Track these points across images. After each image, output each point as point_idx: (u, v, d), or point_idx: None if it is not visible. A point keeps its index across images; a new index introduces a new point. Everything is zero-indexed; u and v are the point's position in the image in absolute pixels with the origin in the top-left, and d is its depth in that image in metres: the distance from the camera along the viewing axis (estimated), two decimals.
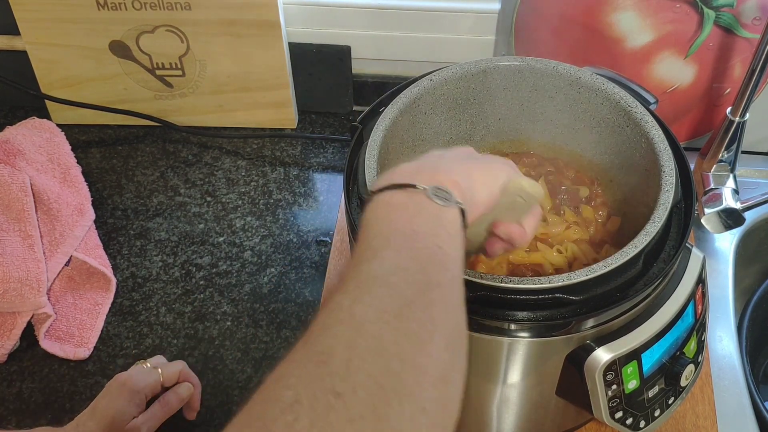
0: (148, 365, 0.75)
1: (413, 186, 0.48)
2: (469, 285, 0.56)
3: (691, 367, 0.66)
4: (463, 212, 0.49)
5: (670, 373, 0.65)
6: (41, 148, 0.96)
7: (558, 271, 0.69)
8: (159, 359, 0.78)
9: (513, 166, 0.58)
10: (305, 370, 0.37)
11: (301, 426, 0.34)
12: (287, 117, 1.06)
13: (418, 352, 0.39)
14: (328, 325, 0.39)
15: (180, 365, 0.77)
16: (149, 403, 0.73)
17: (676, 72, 0.93)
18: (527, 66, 0.73)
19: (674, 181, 0.63)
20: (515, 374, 0.64)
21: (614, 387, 0.62)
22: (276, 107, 1.05)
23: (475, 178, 0.53)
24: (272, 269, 0.91)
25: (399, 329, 0.39)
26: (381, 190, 0.49)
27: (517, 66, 0.73)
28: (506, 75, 0.74)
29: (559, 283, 0.56)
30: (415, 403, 0.37)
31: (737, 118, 0.87)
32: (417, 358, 0.38)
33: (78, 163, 0.99)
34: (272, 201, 0.98)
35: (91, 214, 0.94)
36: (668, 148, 0.65)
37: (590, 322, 0.59)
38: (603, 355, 0.60)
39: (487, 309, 0.58)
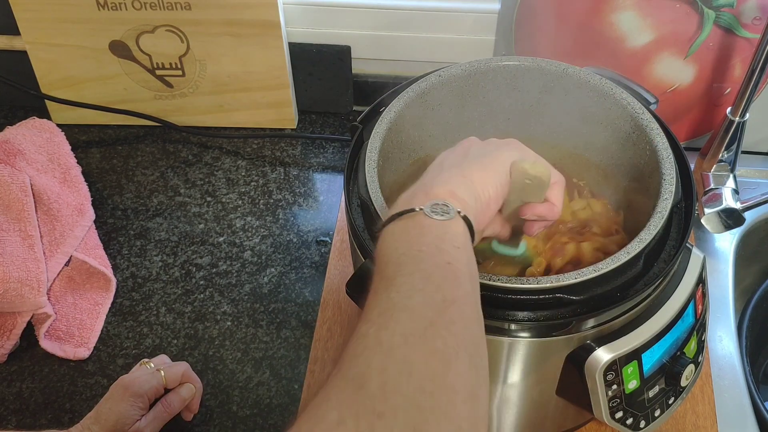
0: (152, 365, 0.75)
1: (411, 210, 0.49)
2: None
3: (691, 367, 0.66)
4: (467, 221, 0.49)
5: (670, 373, 0.65)
6: (41, 148, 0.96)
7: (562, 269, 0.69)
8: (162, 359, 0.78)
9: (516, 146, 0.58)
10: (344, 394, 0.38)
11: None
12: (287, 117, 1.06)
13: (447, 370, 0.40)
14: (357, 354, 0.40)
15: (183, 367, 0.77)
16: (152, 405, 0.73)
17: (676, 72, 0.93)
18: (537, 66, 0.73)
19: (674, 182, 0.63)
20: (515, 374, 0.64)
21: (614, 387, 0.62)
22: (276, 107, 1.05)
23: (475, 180, 0.53)
24: (272, 269, 0.91)
25: (426, 350, 0.40)
26: (385, 224, 0.50)
27: (526, 66, 0.73)
28: (516, 75, 0.74)
29: (560, 283, 0.56)
30: (451, 422, 0.38)
31: (737, 118, 0.87)
32: (447, 377, 0.39)
33: (78, 163, 0.99)
34: (272, 201, 0.98)
35: (91, 214, 0.94)
36: (669, 150, 0.65)
37: (591, 322, 0.59)
38: (603, 355, 0.60)
39: (488, 309, 0.57)
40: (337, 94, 1.07)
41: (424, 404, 0.37)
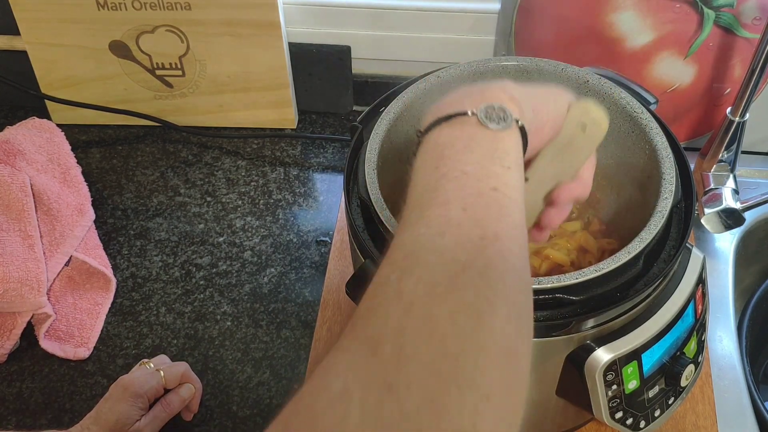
0: (151, 366, 0.75)
1: (463, 114, 0.41)
2: None
3: (691, 367, 0.66)
4: (523, 133, 0.42)
5: (670, 373, 0.65)
6: (41, 148, 0.96)
7: (560, 270, 0.69)
8: (162, 359, 0.78)
9: (572, 92, 0.50)
10: (354, 358, 0.33)
11: (352, 422, 0.31)
12: (287, 117, 1.06)
13: (476, 327, 0.34)
14: (375, 306, 0.35)
15: (182, 367, 0.77)
16: (152, 405, 0.73)
17: (676, 72, 0.93)
18: (535, 67, 0.73)
19: (674, 182, 0.63)
20: None
21: (614, 387, 0.62)
22: (276, 107, 1.05)
23: (535, 95, 0.46)
24: (272, 269, 0.91)
25: (453, 304, 0.34)
26: (429, 127, 0.43)
27: (525, 66, 0.73)
28: (514, 75, 0.74)
29: (560, 283, 0.56)
30: (477, 391, 0.33)
31: (737, 118, 0.87)
32: (476, 336, 0.34)
33: (78, 163, 0.99)
34: (272, 201, 0.98)
35: (91, 214, 0.94)
36: (669, 150, 0.65)
37: (590, 323, 0.59)
38: (603, 355, 0.60)
39: None
40: (337, 94, 1.07)
41: (445, 371, 0.32)
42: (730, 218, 0.87)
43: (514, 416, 0.35)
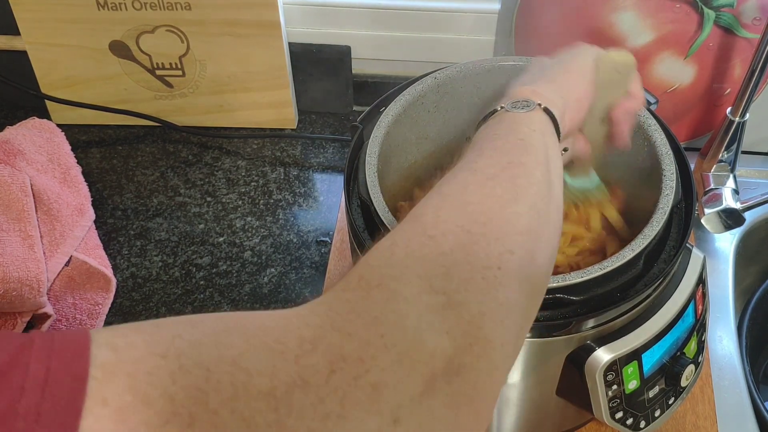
0: None
1: (494, 111, 0.52)
2: None
3: (691, 367, 0.66)
4: (548, 112, 0.51)
5: (670, 373, 0.65)
6: (41, 148, 0.96)
7: (560, 270, 0.69)
8: None
9: (590, 46, 0.60)
10: (399, 228, 0.41)
11: (396, 254, 0.39)
12: (287, 117, 1.06)
13: (503, 208, 0.42)
14: (420, 204, 0.43)
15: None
16: None
17: (676, 72, 0.93)
18: None
19: (675, 182, 0.63)
20: (515, 374, 0.64)
21: (614, 387, 0.62)
22: (276, 107, 1.05)
23: (560, 82, 0.55)
24: (272, 269, 0.91)
25: (484, 194, 0.42)
26: (475, 129, 0.53)
27: (522, 66, 0.73)
28: (512, 75, 0.74)
29: (560, 283, 0.56)
30: (502, 245, 0.40)
31: (737, 118, 0.87)
32: (503, 212, 0.42)
33: (78, 163, 0.99)
34: (272, 201, 0.98)
35: (91, 214, 0.94)
36: (669, 150, 0.65)
37: (591, 323, 0.59)
38: (603, 355, 0.60)
39: None
40: (337, 94, 1.07)
41: (476, 230, 0.40)
42: (730, 218, 0.87)
43: (536, 277, 0.42)
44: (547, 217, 0.44)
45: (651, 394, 0.65)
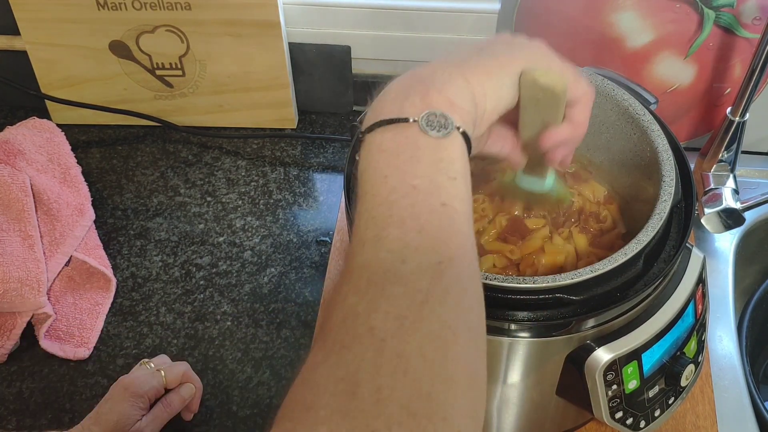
0: (152, 365, 0.75)
1: (404, 120, 0.43)
2: None
3: (691, 367, 0.66)
4: (466, 137, 0.43)
5: (670, 373, 0.65)
6: (41, 148, 0.96)
7: (560, 269, 0.69)
8: (162, 359, 0.78)
9: (537, 51, 0.50)
10: (335, 401, 0.35)
11: None
12: (287, 117, 1.06)
13: (444, 358, 0.36)
14: (347, 343, 0.37)
15: (183, 367, 0.76)
16: (152, 405, 0.73)
17: (676, 72, 0.93)
18: None
19: (674, 182, 0.63)
20: (515, 374, 0.64)
21: (614, 387, 0.62)
22: (276, 107, 1.05)
23: (475, 85, 0.46)
24: (272, 269, 0.91)
25: (421, 336, 0.36)
26: (371, 127, 0.44)
27: None
28: None
29: (560, 283, 0.56)
30: (450, 426, 0.35)
31: (737, 118, 0.87)
32: (445, 367, 0.36)
33: (78, 163, 0.99)
34: (272, 201, 0.98)
35: (91, 214, 0.94)
36: (669, 150, 0.65)
37: (590, 322, 0.59)
38: (603, 355, 0.60)
39: (488, 309, 0.58)
40: (337, 94, 1.07)
41: (420, 411, 0.35)
42: (730, 218, 0.87)
43: None
44: (480, 334, 0.39)
45: (651, 393, 0.65)
